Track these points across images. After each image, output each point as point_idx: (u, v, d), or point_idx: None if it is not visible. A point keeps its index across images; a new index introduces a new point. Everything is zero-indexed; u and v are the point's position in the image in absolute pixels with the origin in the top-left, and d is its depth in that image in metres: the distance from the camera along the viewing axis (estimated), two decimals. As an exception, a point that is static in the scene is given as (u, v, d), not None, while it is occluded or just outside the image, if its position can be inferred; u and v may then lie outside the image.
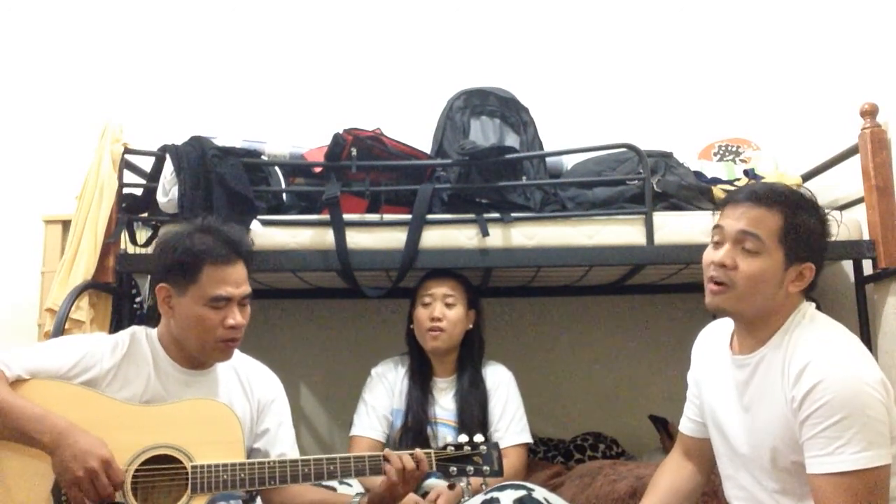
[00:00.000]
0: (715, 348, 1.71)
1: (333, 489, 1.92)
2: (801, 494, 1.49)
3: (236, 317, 1.69)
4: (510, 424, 2.27)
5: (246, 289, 1.73)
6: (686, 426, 1.82)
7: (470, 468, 1.72)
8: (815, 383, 1.41)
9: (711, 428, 1.70)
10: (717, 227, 1.58)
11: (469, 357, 2.34)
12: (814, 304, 1.59)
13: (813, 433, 1.41)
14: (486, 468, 1.72)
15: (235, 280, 1.70)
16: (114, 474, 1.53)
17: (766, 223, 1.50)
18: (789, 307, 1.54)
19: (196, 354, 1.73)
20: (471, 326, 2.35)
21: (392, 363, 2.39)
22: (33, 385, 1.61)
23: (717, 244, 1.56)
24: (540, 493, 1.85)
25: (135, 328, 1.80)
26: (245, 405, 1.81)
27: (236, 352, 1.84)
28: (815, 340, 1.49)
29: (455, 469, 1.71)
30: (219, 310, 1.68)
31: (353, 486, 2.00)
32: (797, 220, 1.51)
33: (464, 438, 1.74)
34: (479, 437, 1.75)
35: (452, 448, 1.73)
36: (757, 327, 1.56)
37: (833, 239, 2.29)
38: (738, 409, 1.60)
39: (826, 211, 1.59)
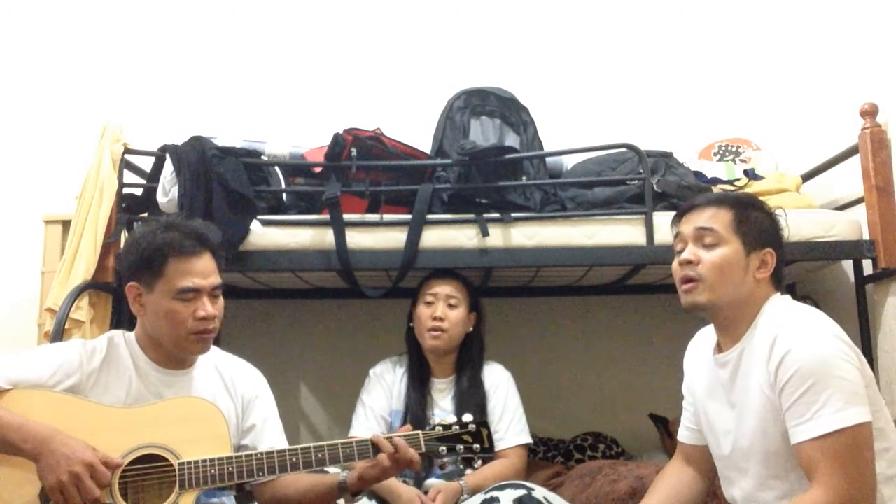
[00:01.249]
0: (702, 356, 1.73)
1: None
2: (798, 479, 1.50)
3: (206, 308, 1.68)
4: (510, 425, 2.26)
5: (215, 280, 1.72)
6: (684, 435, 1.83)
7: (460, 447, 1.71)
8: (784, 354, 1.46)
9: (707, 432, 1.71)
10: (676, 235, 1.67)
11: (468, 359, 2.33)
12: (788, 296, 1.64)
13: (790, 402, 1.45)
14: (476, 446, 1.72)
15: (202, 271, 1.69)
16: (99, 476, 1.52)
17: (719, 218, 1.60)
18: (760, 297, 1.59)
19: (172, 350, 1.72)
20: (471, 329, 2.34)
21: (390, 363, 2.39)
22: (16, 394, 1.60)
23: (680, 252, 1.64)
24: (540, 492, 1.85)
25: (112, 332, 1.79)
26: (229, 403, 1.81)
27: (218, 350, 1.85)
28: (783, 316, 1.55)
29: (444, 449, 1.71)
30: (188, 302, 1.67)
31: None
32: (746, 212, 1.61)
33: (452, 419, 1.75)
34: (467, 417, 1.75)
35: (441, 428, 1.73)
36: (733, 322, 1.60)
37: (837, 239, 2.33)
38: (727, 407, 1.62)
39: (773, 209, 1.67)
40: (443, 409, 2.28)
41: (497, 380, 2.32)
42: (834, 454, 1.39)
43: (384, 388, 2.32)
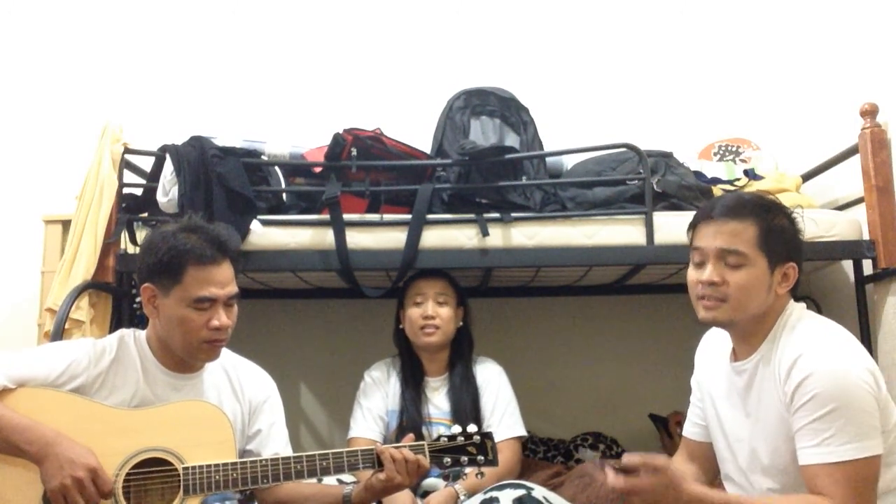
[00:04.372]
0: (718, 356, 1.72)
1: None
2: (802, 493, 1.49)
3: (221, 318, 1.66)
4: (502, 418, 2.27)
5: (232, 289, 1.69)
6: (691, 431, 1.82)
7: (464, 458, 1.71)
8: (804, 377, 1.44)
9: (716, 435, 1.71)
10: (695, 248, 1.60)
11: (459, 354, 2.35)
12: (803, 305, 1.62)
13: (802, 424, 1.44)
14: (480, 458, 1.72)
15: (220, 281, 1.67)
16: (101, 483, 1.53)
17: (743, 235, 1.53)
18: (778, 309, 1.57)
19: (181, 355, 1.71)
20: (461, 324, 2.36)
21: (384, 365, 2.40)
22: (22, 393, 1.60)
23: (699, 264, 1.58)
24: (539, 492, 1.85)
25: (123, 331, 1.78)
26: (236, 407, 1.80)
27: (228, 352, 1.83)
28: (803, 336, 1.52)
29: (449, 460, 1.71)
30: (203, 311, 1.65)
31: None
32: (771, 224, 1.54)
33: (457, 429, 1.74)
34: (472, 428, 1.74)
35: (446, 439, 1.73)
36: (750, 333, 1.59)
37: (837, 239, 2.32)
38: (743, 415, 1.62)
39: (791, 209, 1.61)
40: (437, 406, 2.30)
41: (489, 375, 2.34)
42: (835, 482, 1.40)
43: (380, 389, 2.34)
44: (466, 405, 2.26)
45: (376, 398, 2.32)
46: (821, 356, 1.46)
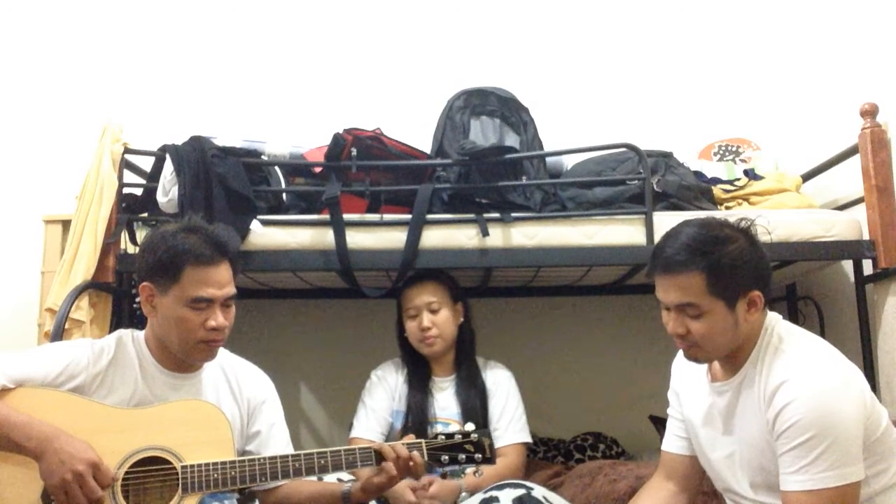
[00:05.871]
0: (695, 372, 1.71)
1: None
2: None
3: (218, 318, 1.66)
4: (510, 423, 2.26)
5: (229, 290, 1.69)
6: (674, 444, 1.79)
7: (461, 456, 1.71)
8: (786, 404, 1.44)
9: (700, 451, 1.70)
10: (657, 296, 1.60)
11: (464, 353, 2.34)
12: (779, 316, 1.60)
13: (782, 451, 1.45)
14: (477, 456, 1.72)
15: (218, 281, 1.67)
16: (102, 476, 1.53)
17: (692, 288, 1.50)
18: (756, 331, 1.56)
19: (179, 355, 1.71)
20: (462, 320, 2.34)
21: (392, 366, 2.39)
22: (21, 393, 1.60)
23: (666, 310, 1.60)
24: (539, 491, 1.85)
25: (121, 332, 1.78)
26: (234, 407, 1.80)
27: (226, 353, 1.83)
28: (789, 361, 1.50)
29: (447, 458, 1.71)
30: (200, 311, 1.65)
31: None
32: (718, 266, 1.48)
33: (455, 428, 1.75)
34: (469, 426, 1.75)
35: (443, 437, 1.73)
36: (730, 357, 1.58)
37: (837, 239, 2.32)
38: (725, 433, 1.61)
39: (747, 224, 1.56)
40: (444, 406, 2.29)
41: (498, 379, 2.33)
42: None
43: (386, 389, 2.33)
44: (475, 403, 2.25)
45: (382, 398, 2.31)
46: (804, 383, 1.44)
